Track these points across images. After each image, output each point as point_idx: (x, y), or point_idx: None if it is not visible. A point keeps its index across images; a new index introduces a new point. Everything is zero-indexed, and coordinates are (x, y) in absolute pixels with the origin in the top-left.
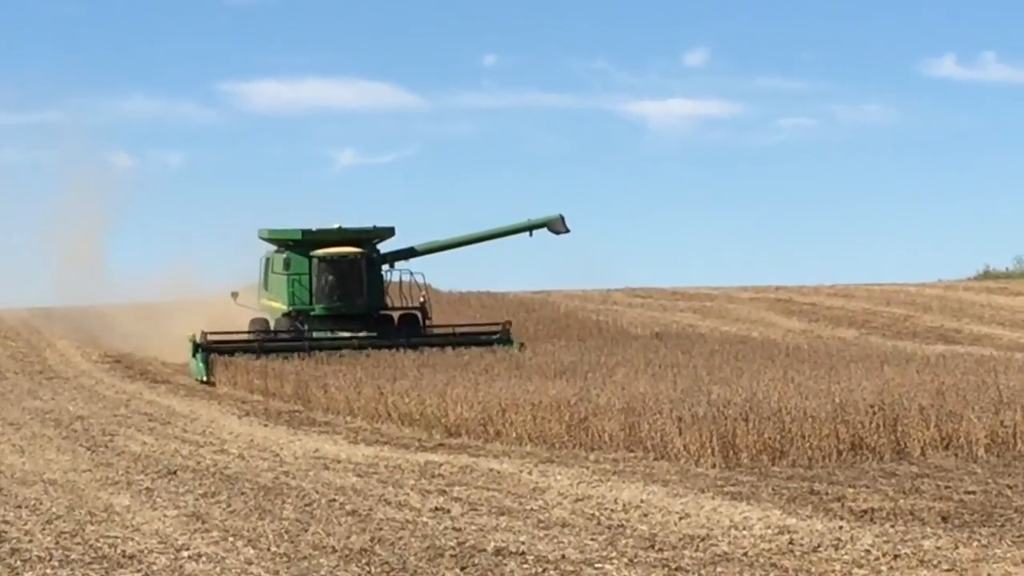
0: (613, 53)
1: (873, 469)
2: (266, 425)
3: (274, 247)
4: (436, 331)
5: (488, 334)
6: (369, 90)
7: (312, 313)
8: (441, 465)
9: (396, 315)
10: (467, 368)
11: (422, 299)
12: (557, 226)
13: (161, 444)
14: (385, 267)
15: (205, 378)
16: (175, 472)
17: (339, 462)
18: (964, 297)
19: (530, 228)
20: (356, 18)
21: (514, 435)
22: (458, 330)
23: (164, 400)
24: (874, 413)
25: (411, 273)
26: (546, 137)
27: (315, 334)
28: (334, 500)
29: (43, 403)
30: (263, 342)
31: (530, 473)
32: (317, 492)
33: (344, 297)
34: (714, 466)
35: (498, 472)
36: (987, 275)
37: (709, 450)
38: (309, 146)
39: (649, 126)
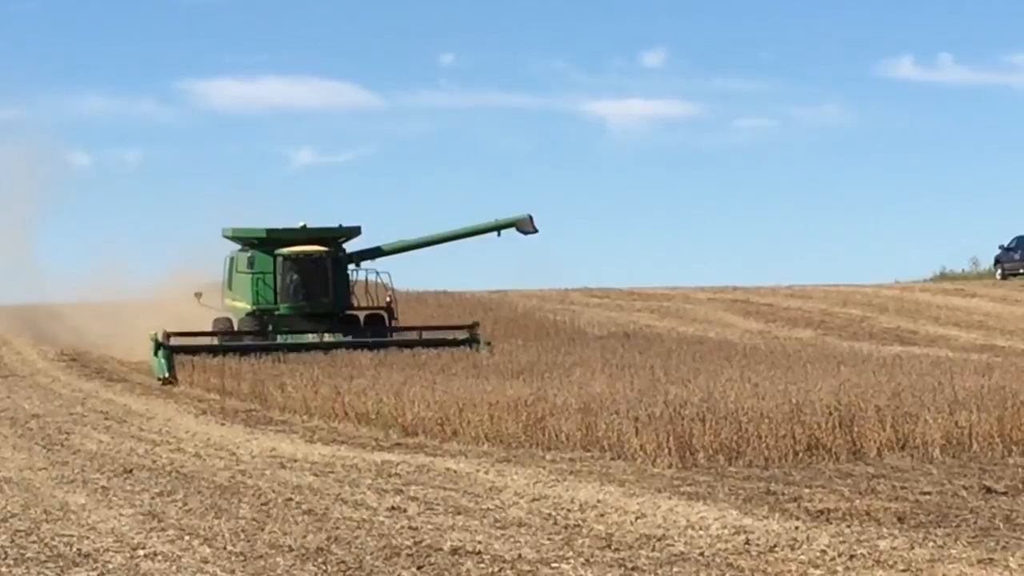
0: (571, 53)
1: (829, 469)
2: (223, 424)
3: (238, 246)
4: (402, 332)
5: (455, 335)
6: (327, 89)
7: (277, 312)
8: (398, 464)
9: (362, 315)
10: (425, 368)
11: (388, 299)
12: (525, 226)
13: (117, 442)
14: (351, 267)
15: (166, 375)
16: (131, 471)
17: (296, 461)
18: (920, 298)
19: (498, 228)
20: (314, 17)
21: (471, 435)
22: (425, 331)
23: (120, 398)
24: (830, 414)
25: (377, 273)
26: (504, 137)
27: (279, 334)
28: (290, 499)
29: None
30: (226, 342)
31: (487, 472)
32: (273, 491)
33: (309, 296)
34: (670, 466)
35: (455, 471)
36: (943, 276)
37: (666, 450)
38: (267, 144)
39: (607, 126)
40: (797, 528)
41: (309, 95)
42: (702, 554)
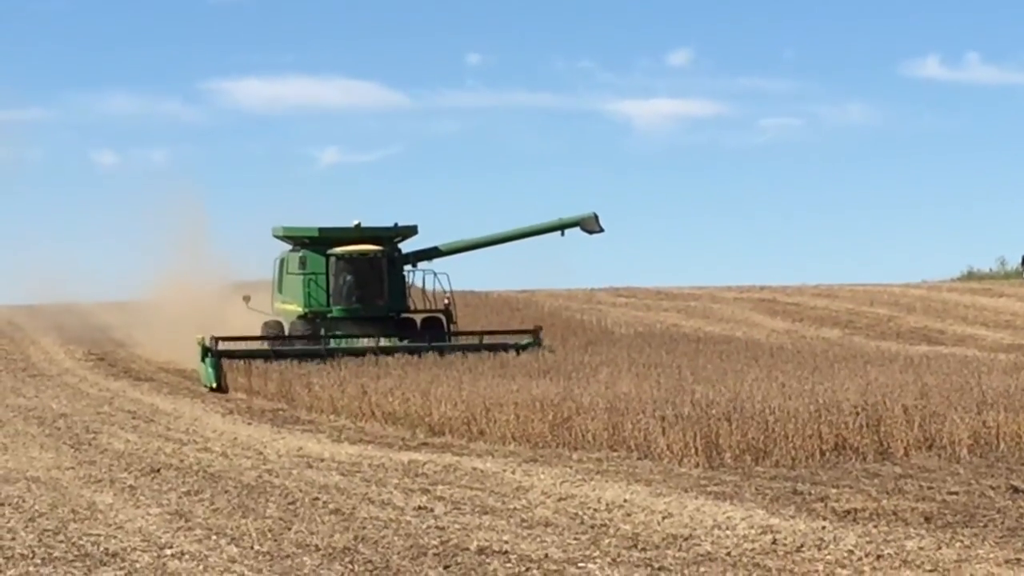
0: (597, 52)
1: (856, 469)
2: (249, 423)
3: (289, 246)
4: (462, 336)
5: (517, 340)
6: (353, 88)
7: (329, 315)
8: (424, 464)
9: (419, 318)
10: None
11: (446, 301)
12: (590, 225)
13: (144, 442)
14: (407, 267)
15: (215, 385)
16: (158, 470)
17: (322, 461)
18: (948, 298)
19: (562, 227)
20: (340, 16)
21: (498, 434)
22: (486, 336)
23: (147, 398)
24: (857, 413)
25: (435, 274)
26: (531, 137)
27: (332, 339)
28: (317, 499)
29: (26, 400)
30: (277, 347)
31: (513, 472)
32: (300, 491)
33: (364, 299)
34: (697, 466)
35: (481, 471)
36: (971, 276)
37: (692, 450)
38: (293, 144)
39: (633, 126)
40: (824, 528)
41: (335, 95)
42: (729, 554)
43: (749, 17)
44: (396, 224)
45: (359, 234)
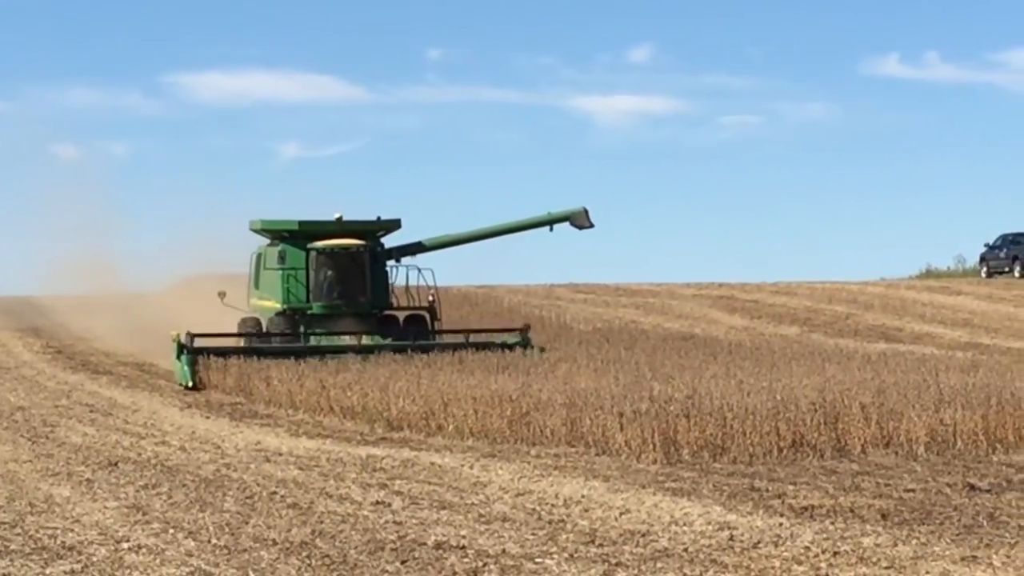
0: (559, 49)
1: (813, 466)
2: (208, 417)
3: (267, 240)
4: (447, 334)
5: (504, 339)
6: (313, 83)
7: (309, 312)
8: (383, 459)
9: (402, 316)
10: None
11: (431, 299)
12: (580, 220)
13: (102, 435)
14: (390, 262)
15: (191, 383)
16: (116, 463)
17: (280, 455)
18: (906, 296)
19: (550, 222)
20: (301, 11)
21: (456, 429)
22: (472, 334)
23: (106, 391)
24: (815, 411)
25: (419, 270)
26: (491, 132)
27: (312, 336)
28: (275, 493)
29: None
30: (254, 343)
31: (471, 467)
32: (258, 485)
33: (345, 295)
34: (655, 462)
35: (440, 466)
36: (929, 274)
37: (650, 446)
38: (253, 138)
39: (594, 122)
40: (781, 525)
41: (296, 89)
42: (686, 550)
43: (710, 14)
44: (379, 218)
45: (340, 228)
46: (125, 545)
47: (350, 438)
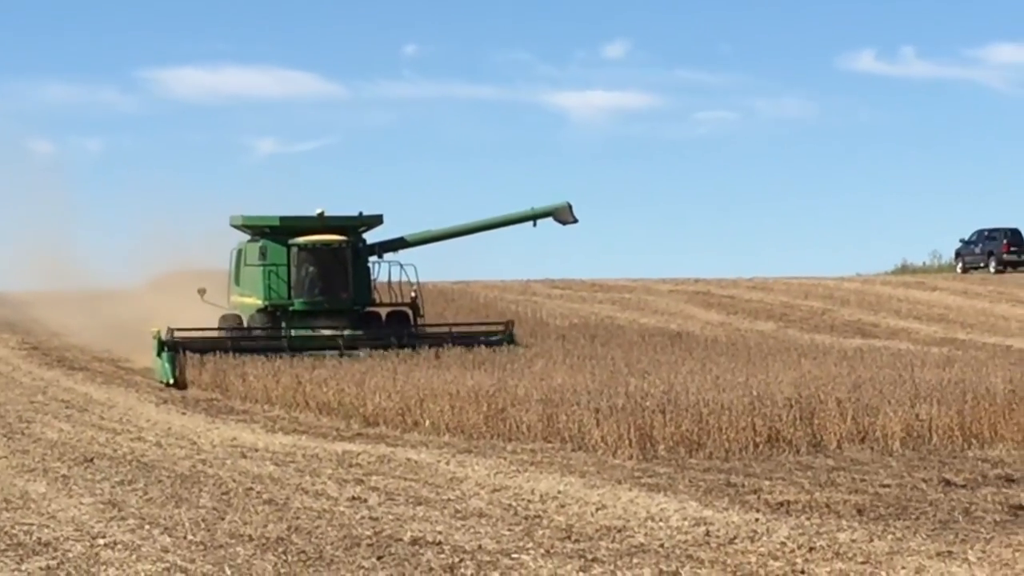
0: (534, 44)
1: (789, 462)
2: (184, 413)
3: (247, 236)
4: (430, 330)
5: (489, 334)
6: (289, 79)
7: (291, 308)
8: (359, 455)
9: (384, 312)
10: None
11: (413, 295)
12: (564, 215)
13: (78, 431)
14: (373, 258)
15: (172, 380)
16: (92, 459)
17: (256, 451)
18: (881, 291)
19: (534, 217)
20: (276, 6)
21: (432, 425)
22: (455, 329)
23: (81, 387)
24: (791, 406)
25: (401, 266)
26: (467, 128)
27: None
28: (251, 489)
29: None
30: (236, 339)
31: (448, 463)
32: (234, 481)
33: (327, 291)
34: (631, 457)
35: (416, 462)
36: (904, 269)
37: (626, 442)
38: (229, 134)
39: (570, 117)
40: (757, 520)
41: (272, 85)
42: (662, 545)
43: (686, 10)
44: (361, 213)
45: (322, 223)
46: (101, 541)
47: (326, 434)
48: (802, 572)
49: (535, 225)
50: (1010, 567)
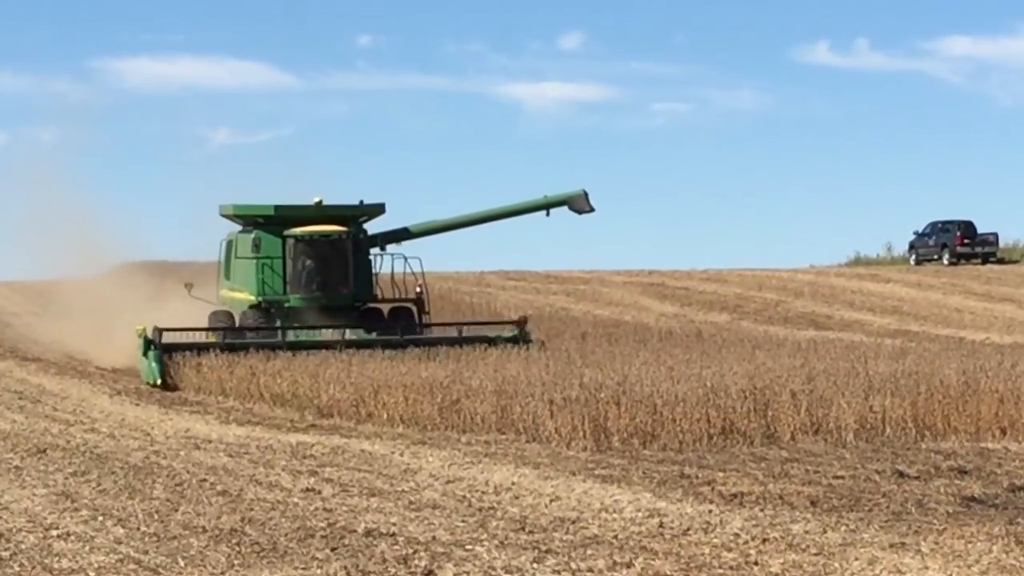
0: (488, 35)
1: (743, 453)
2: (137, 404)
3: (239, 227)
4: (435, 327)
5: (500, 333)
6: (243, 69)
7: (286, 305)
8: (313, 446)
9: (386, 308)
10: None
11: (418, 290)
12: (580, 204)
13: (31, 422)
14: (374, 251)
15: (159, 381)
16: (45, 450)
17: (210, 442)
18: (835, 283)
19: (548, 206)
20: None
21: (386, 416)
22: (465, 327)
23: (35, 378)
24: (745, 398)
25: (405, 259)
26: (421, 119)
27: (289, 331)
28: (205, 480)
29: None
30: (229, 338)
31: (402, 455)
32: (188, 472)
33: (325, 286)
34: (585, 449)
35: (370, 453)
36: (858, 261)
37: (580, 433)
38: (183, 125)
39: (524, 109)
40: (711, 511)
41: (225, 75)
42: (616, 537)
43: (640, 2)
44: (361, 202)
45: (320, 213)
46: (54, 532)
47: (280, 425)
48: (756, 563)
49: (548, 214)
50: (962, 558)
